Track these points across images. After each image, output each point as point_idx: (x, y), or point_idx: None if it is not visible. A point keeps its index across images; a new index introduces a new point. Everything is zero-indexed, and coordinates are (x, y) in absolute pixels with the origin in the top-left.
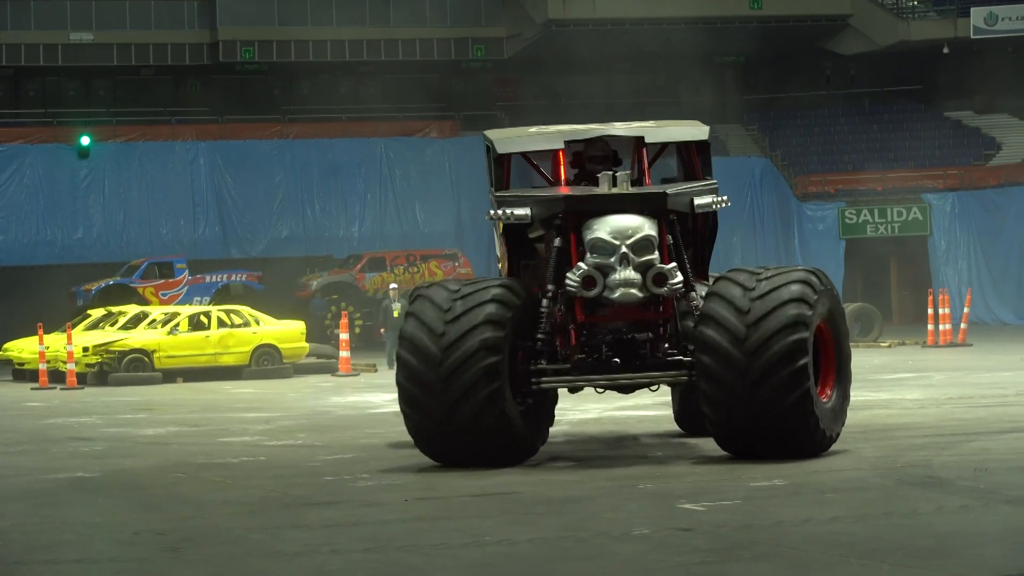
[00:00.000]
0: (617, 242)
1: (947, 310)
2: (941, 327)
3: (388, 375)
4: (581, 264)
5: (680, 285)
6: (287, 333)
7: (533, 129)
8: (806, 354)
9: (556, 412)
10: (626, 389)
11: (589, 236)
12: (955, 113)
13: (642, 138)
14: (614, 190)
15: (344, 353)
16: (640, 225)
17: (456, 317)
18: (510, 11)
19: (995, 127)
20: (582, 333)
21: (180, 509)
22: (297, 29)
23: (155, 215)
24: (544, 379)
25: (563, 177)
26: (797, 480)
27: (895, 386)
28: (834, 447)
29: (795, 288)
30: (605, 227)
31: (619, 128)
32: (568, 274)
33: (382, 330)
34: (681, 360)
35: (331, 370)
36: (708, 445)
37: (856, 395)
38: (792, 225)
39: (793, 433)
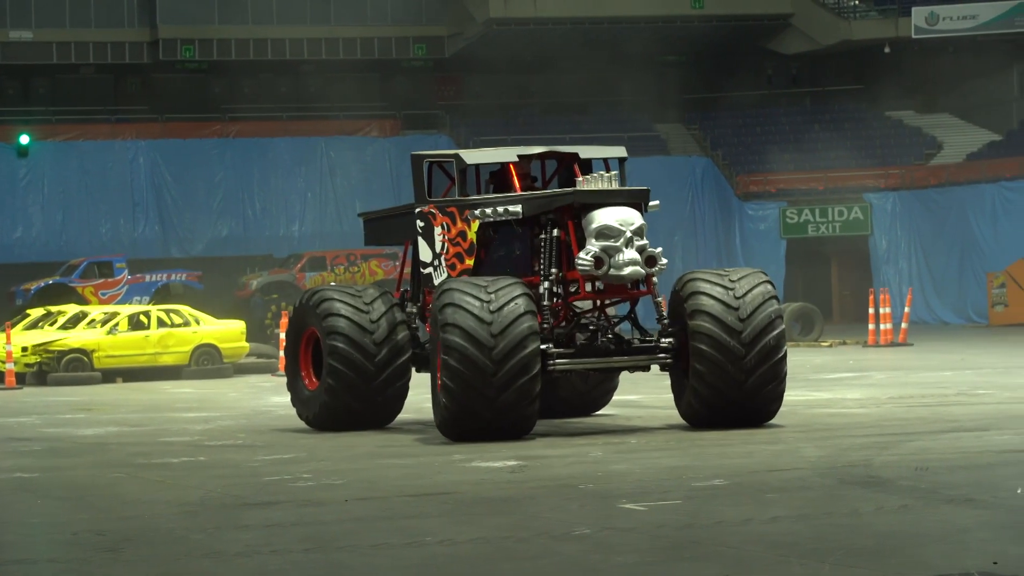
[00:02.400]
0: (623, 228)
1: (888, 309)
2: (882, 327)
3: None
4: (590, 247)
5: (665, 266)
6: (227, 333)
7: (488, 150)
8: (785, 344)
9: None
10: (620, 371)
11: (595, 224)
12: (896, 113)
13: (576, 154)
14: (611, 186)
15: (284, 353)
16: (636, 215)
17: (499, 308)
18: (451, 10)
19: (936, 127)
20: (582, 318)
21: (119, 509)
22: (238, 28)
23: (95, 214)
24: (558, 363)
25: (518, 186)
26: (738, 480)
27: (836, 386)
28: (777, 446)
29: (768, 288)
30: (609, 216)
31: (559, 147)
32: (580, 255)
33: None
34: (668, 345)
35: (271, 370)
36: (653, 443)
37: (797, 395)
38: (733, 224)
39: (771, 409)
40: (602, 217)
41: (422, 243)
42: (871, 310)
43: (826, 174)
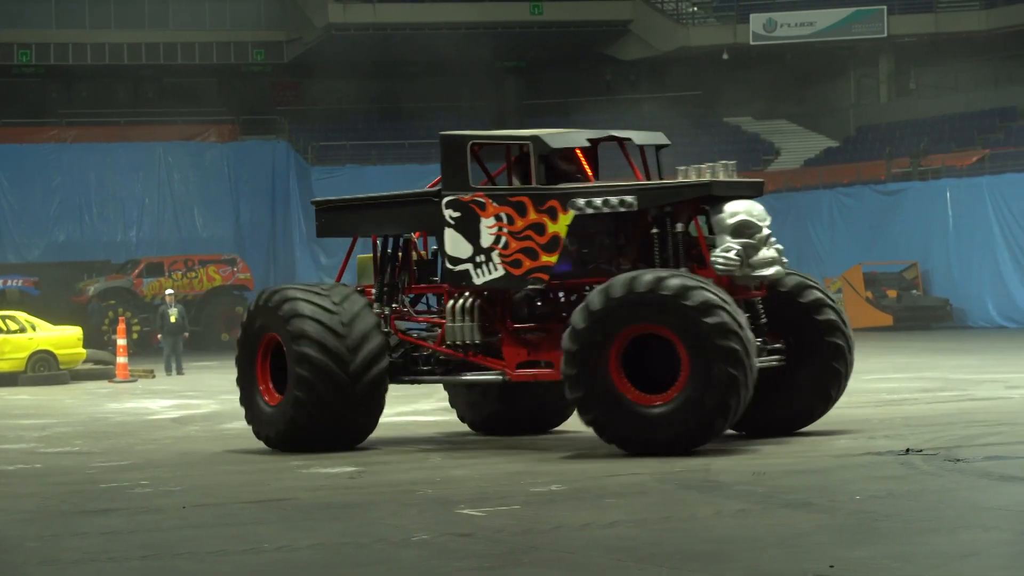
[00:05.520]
0: (761, 223)
1: None
2: None
3: (166, 381)
4: (730, 244)
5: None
6: (64, 339)
7: (560, 130)
8: None
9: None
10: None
11: (730, 220)
12: (734, 119)
13: (630, 139)
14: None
15: (121, 359)
16: (764, 210)
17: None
18: (290, 15)
19: (774, 133)
20: None
21: None
22: (75, 32)
23: None
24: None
25: (591, 173)
26: (577, 485)
27: None
28: (617, 452)
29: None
30: (743, 210)
31: (615, 132)
32: (719, 252)
33: (159, 336)
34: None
35: (108, 376)
36: (492, 448)
37: None
38: None
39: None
40: (735, 212)
41: (452, 236)
42: None
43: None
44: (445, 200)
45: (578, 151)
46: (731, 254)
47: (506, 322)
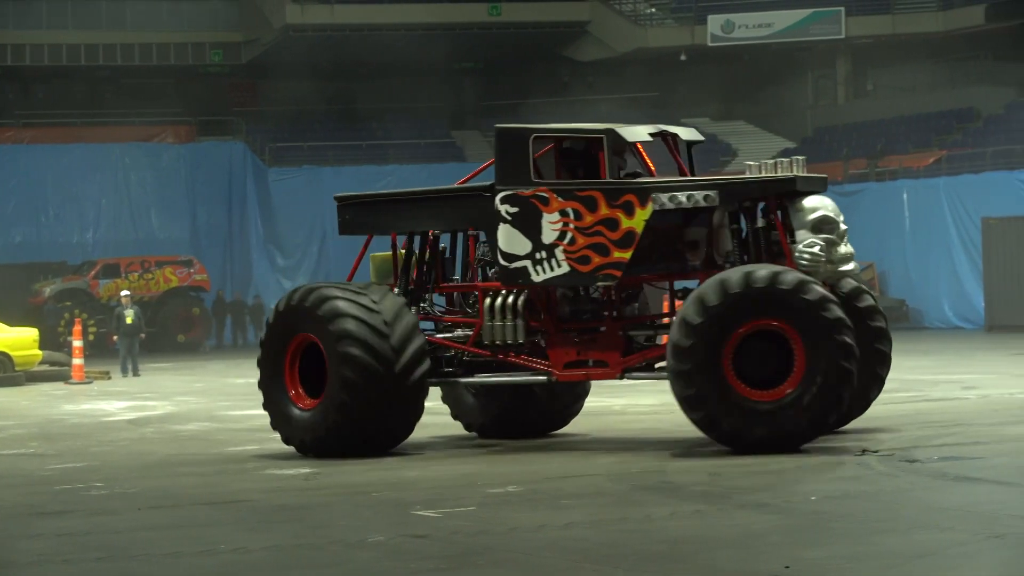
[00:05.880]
0: (839, 219)
1: None
2: None
3: (122, 383)
4: (813, 240)
5: None
6: (19, 340)
7: (624, 125)
8: None
9: None
10: None
11: (812, 215)
12: (692, 120)
13: (677, 135)
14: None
15: (77, 360)
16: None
17: None
18: (248, 16)
19: (731, 134)
20: None
21: None
22: (32, 32)
23: None
24: None
25: (652, 167)
26: (533, 487)
27: (630, 392)
28: (572, 452)
29: None
30: (822, 206)
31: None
32: (802, 247)
33: (115, 337)
34: None
35: (64, 377)
36: (449, 449)
37: (591, 401)
38: None
39: None
40: (815, 207)
41: (508, 232)
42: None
43: None
44: (501, 195)
45: (639, 145)
46: (815, 249)
47: (552, 321)
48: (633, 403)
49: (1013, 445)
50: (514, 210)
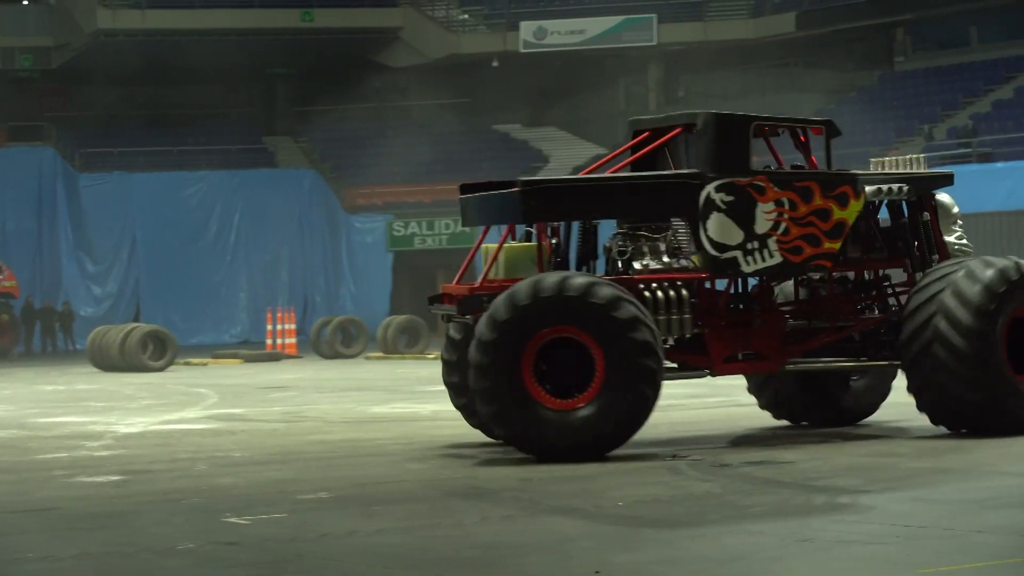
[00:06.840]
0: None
1: None
2: None
3: None
4: (961, 232)
5: None
6: None
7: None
8: None
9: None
10: None
11: (955, 209)
12: (503, 126)
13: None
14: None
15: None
16: None
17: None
18: (58, 20)
19: (543, 140)
20: None
21: None
22: None
23: None
24: None
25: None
26: (343, 493)
27: (439, 398)
28: (382, 459)
29: None
30: (953, 202)
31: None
32: (955, 240)
33: None
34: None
35: None
36: (258, 456)
37: (401, 407)
38: (340, 237)
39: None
40: (954, 203)
41: (721, 221)
42: None
43: (433, 187)
44: (716, 184)
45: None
46: (965, 241)
47: (713, 314)
48: (443, 408)
49: (821, 449)
50: (729, 199)
